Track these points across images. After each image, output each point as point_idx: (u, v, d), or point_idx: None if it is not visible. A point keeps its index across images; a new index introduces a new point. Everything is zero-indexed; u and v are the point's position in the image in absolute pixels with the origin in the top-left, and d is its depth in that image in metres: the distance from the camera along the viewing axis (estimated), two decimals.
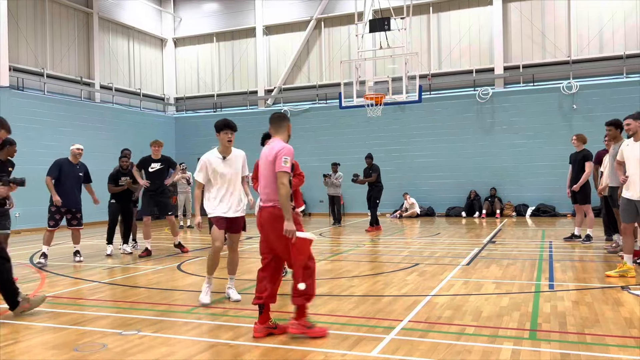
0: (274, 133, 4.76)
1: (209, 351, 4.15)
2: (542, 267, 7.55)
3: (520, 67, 17.73)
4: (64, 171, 9.10)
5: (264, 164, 4.59)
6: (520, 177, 17.50)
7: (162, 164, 9.76)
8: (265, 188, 4.56)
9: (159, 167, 9.72)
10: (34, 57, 17.02)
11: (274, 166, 4.44)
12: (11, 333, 4.78)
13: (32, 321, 5.19)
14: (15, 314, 5.35)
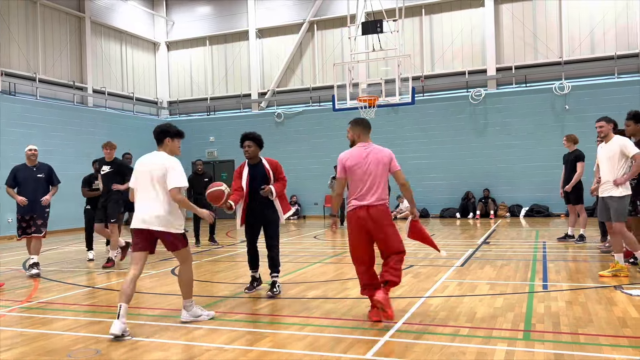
0: (366, 137, 5.11)
1: (202, 356, 4.13)
2: (536, 268, 7.58)
3: (513, 68, 17.82)
4: (19, 177, 8.46)
5: (375, 166, 4.90)
6: (514, 177, 17.56)
7: (112, 168, 9.05)
8: (378, 188, 4.89)
9: (109, 171, 9.02)
10: (25, 61, 16.95)
11: (389, 167, 4.97)
12: (3, 340, 4.74)
13: (26, 327, 5.16)
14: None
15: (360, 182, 4.90)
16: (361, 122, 5.14)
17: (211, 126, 21.60)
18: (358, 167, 4.91)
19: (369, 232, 4.93)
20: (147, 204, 4.94)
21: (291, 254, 10.02)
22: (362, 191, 4.90)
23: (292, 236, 13.77)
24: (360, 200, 4.90)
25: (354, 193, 4.95)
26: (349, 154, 4.98)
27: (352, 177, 4.94)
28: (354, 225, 4.97)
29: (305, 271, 8.00)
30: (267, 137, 23.24)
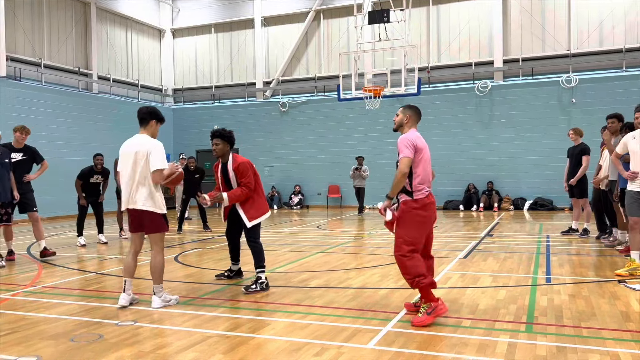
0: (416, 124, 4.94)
1: (204, 342, 4.14)
2: (539, 261, 7.57)
3: (520, 60, 17.69)
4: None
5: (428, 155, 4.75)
6: (518, 170, 17.50)
7: (25, 155, 8.54)
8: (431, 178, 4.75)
9: (20, 158, 8.44)
10: (31, 47, 16.92)
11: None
12: (8, 323, 4.77)
13: (29, 311, 5.18)
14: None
15: (428, 167, 4.69)
16: (417, 110, 4.95)
17: (215, 114, 21.56)
18: (426, 151, 4.71)
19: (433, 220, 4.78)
20: (133, 185, 5.14)
21: (294, 243, 10.03)
22: (430, 176, 4.71)
23: (295, 226, 13.78)
24: (430, 186, 4.68)
25: (425, 177, 4.65)
26: (415, 137, 4.71)
27: (423, 160, 4.65)
28: (428, 212, 4.64)
29: (308, 260, 8.00)
30: (271, 127, 23.39)
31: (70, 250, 9.60)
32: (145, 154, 5.11)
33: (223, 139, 6.07)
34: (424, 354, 3.79)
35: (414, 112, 4.92)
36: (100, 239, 10.31)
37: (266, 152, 20.59)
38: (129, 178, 5.17)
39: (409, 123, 4.88)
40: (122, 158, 5.26)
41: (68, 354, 3.92)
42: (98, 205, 10.30)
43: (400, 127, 4.93)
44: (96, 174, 10.10)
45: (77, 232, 10.14)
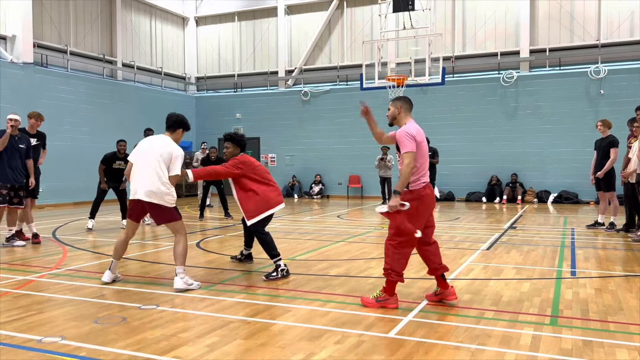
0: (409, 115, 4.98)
1: (226, 327, 4.16)
2: (564, 254, 7.43)
3: (547, 50, 17.33)
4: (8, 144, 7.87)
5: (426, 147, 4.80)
6: (543, 163, 17.21)
7: (38, 140, 8.80)
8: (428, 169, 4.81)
9: (35, 143, 8.67)
10: (57, 34, 17.13)
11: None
12: (34, 304, 4.86)
13: (55, 293, 5.27)
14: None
15: (424, 159, 4.73)
16: (407, 100, 4.99)
17: (238, 103, 21.61)
18: (423, 143, 4.74)
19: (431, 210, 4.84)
20: (148, 179, 5.37)
21: (314, 232, 10.03)
22: (427, 168, 4.76)
23: (315, 215, 13.78)
24: (427, 178, 4.74)
25: (422, 169, 4.71)
26: (415, 128, 4.74)
27: (421, 151, 4.70)
28: (424, 203, 4.68)
29: (329, 249, 7.99)
30: (293, 115, 23.39)
31: (96, 234, 9.74)
32: (170, 156, 5.44)
33: (234, 143, 6.19)
34: (445, 345, 3.75)
35: (404, 101, 4.96)
36: (124, 224, 10.42)
37: (287, 141, 20.59)
38: (147, 172, 5.39)
39: (401, 114, 4.92)
40: (143, 153, 5.49)
41: (92, 335, 3.97)
42: (121, 191, 10.40)
43: (394, 120, 4.97)
44: (119, 159, 10.21)
45: (90, 215, 10.21)
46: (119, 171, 10.28)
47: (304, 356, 3.54)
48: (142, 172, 5.42)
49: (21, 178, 8.08)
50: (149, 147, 5.52)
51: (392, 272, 4.65)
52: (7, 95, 14.90)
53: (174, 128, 5.70)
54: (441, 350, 3.65)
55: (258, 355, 3.58)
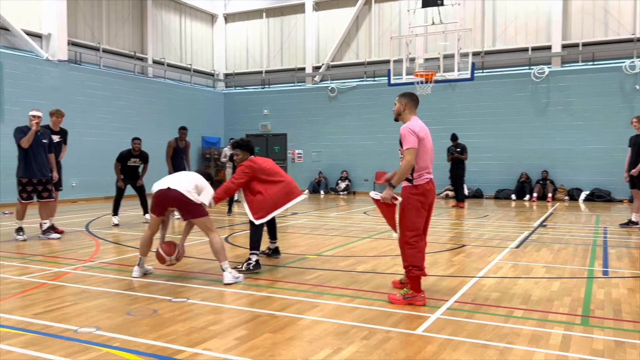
0: (415, 111, 4.98)
1: (254, 321, 4.22)
2: (595, 253, 7.30)
3: (580, 45, 16.95)
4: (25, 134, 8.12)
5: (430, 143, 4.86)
6: (575, 160, 16.86)
7: (61, 137, 9.20)
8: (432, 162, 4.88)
9: (57, 140, 9.07)
10: (90, 32, 17.49)
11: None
12: (69, 295, 5.01)
13: (89, 285, 5.42)
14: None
15: (428, 155, 4.80)
16: (412, 96, 5.01)
17: (265, 99, 21.75)
18: (427, 139, 4.80)
19: (431, 205, 4.90)
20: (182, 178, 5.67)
21: (341, 228, 10.05)
22: (431, 163, 4.85)
23: (341, 211, 13.80)
24: (430, 172, 4.83)
25: (425, 165, 4.76)
26: (418, 125, 4.79)
27: (424, 147, 4.75)
28: (427, 197, 4.77)
29: (355, 245, 8.01)
30: (320, 112, 23.38)
31: (126, 228, 9.95)
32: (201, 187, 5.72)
33: (242, 149, 6.34)
34: (473, 343, 3.73)
35: (410, 98, 4.97)
36: (147, 218, 10.61)
37: (314, 137, 20.64)
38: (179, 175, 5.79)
39: (406, 110, 4.95)
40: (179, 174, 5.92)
41: (124, 326, 4.08)
42: (139, 187, 10.58)
43: (399, 116, 5.01)
44: (134, 157, 10.40)
45: (113, 212, 10.42)
46: (134, 168, 10.52)
47: (331, 351, 3.58)
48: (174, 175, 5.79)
49: (47, 172, 8.41)
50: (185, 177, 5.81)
51: (413, 267, 4.72)
52: (43, 92, 15.30)
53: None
54: (469, 348, 3.64)
55: (286, 349, 3.62)
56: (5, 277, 5.80)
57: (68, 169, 15.72)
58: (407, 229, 4.75)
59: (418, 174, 4.75)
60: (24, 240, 8.25)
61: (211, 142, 21.65)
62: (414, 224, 4.73)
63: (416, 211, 4.74)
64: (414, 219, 4.73)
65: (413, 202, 4.74)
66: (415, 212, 4.74)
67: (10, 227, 9.47)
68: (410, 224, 4.74)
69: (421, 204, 4.75)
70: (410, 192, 4.75)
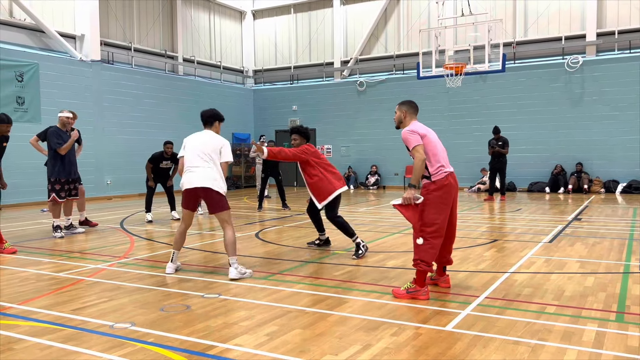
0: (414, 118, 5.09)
1: (285, 316, 4.28)
2: (632, 248, 7.12)
3: (616, 32, 16.45)
4: (64, 141, 8.50)
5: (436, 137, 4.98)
6: (611, 151, 16.42)
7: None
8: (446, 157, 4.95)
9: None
10: (122, 31, 17.83)
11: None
12: (105, 291, 5.15)
13: (124, 281, 5.56)
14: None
15: (439, 149, 4.89)
16: (411, 103, 5.13)
17: (294, 95, 21.81)
18: (430, 135, 4.90)
19: (454, 200, 4.91)
20: (203, 170, 5.66)
21: (371, 224, 10.04)
22: (445, 157, 4.90)
23: (371, 206, 13.78)
24: (447, 167, 4.85)
25: (439, 160, 4.82)
26: (414, 125, 4.92)
27: (431, 144, 4.86)
28: (447, 192, 4.76)
29: (385, 241, 8.00)
30: (348, 106, 23.31)
31: (159, 225, 10.15)
32: (219, 146, 5.77)
33: (300, 135, 6.93)
34: (504, 339, 3.70)
35: (409, 105, 5.10)
36: (174, 215, 10.89)
37: (343, 132, 20.62)
38: (201, 164, 5.70)
39: (407, 118, 5.07)
40: (193, 148, 5.79)
41: (159, 322, 4.18)
42: (168, 187, 10.91)
43: (400, 123, 5.12)
44: (165, 159, 10.70)
45: (146, 209, 10.70)
46: (166, 170, 10.82)
47: (360, 347, 3.60)
48: (196, 164, 5.71)
49: (76, 171, 8.92)
50: (198, 142, 5.81)
51: (421, 262, 4.71)
52: (77, 92, 15.70)
53: (210, 123, 5.99)
54: (499, 344, 3.61)
55: (316, 345, 3.66)
56: (44, 273, 6.01)
57: (102, 167, 16.18)
58: (424, 225, 4.75)
59: (434, 169, 4.80)
60: (61, 238, 8.54)
61: (241, 139, 21.85)
62: (433, 220, 4.72)
63: (435, 207, 4.73)
64: (433, 215, 4.73)
65: (432, 198, 4.76)
66: (435, 209, 4.73)
67: (48, 225, 9.76)
68: (428, 221, 4.74)
69: (441, 200, 4.74)
70: (429, 189, 4.80)
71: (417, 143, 4.77)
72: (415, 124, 4.97)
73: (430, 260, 4.74)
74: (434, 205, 4.74)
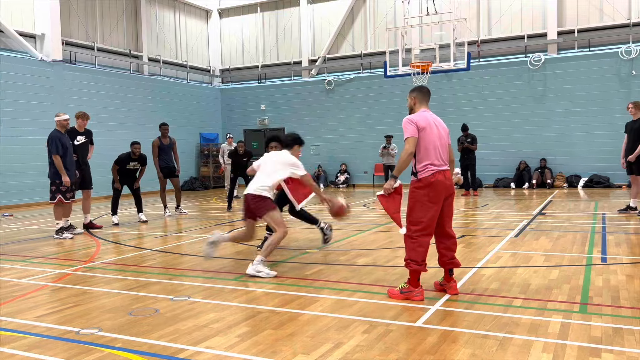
0: (425, 104, 4.91)
1: (256, 317, 4.25)
2: (594, 240, 7.33)
3: (575, 31, 16.91)
4: (64, 145, 8.64)
5: (443, 131, 4.79)
6: (573, 147, 16.88)
7: (86, 137, 9.58)
8: (446, 154, 4.78)
9: (83, 141, 9.49)
10: (84, 31, 17.44)
11: (448, 139, 4.87)
12: (71, 297, 5.03)
13: (90, 286, 5.44)
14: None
15: (433, 145, 4.65)
16: (421, 89, 4.96)
17: (262, 94, 21.71)
18: (430, 129, 4.67)
19: (445, 198, 4.71)
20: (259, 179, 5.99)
21: (341, 222, 10.06)
22: (439, 154, 4.67)
23: None
24: (438, 164, 4.65)
25: (431, 156, 4.62)
26: (418, 115, 4.71)
27: (426, 139, 4.63)
28: (434, 190, 4.60)
29: (356, 238, 8.04)
30: (317, 105, 23.31)
31: (126, 228, 9.97)
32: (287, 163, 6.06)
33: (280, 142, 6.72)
34: (473, 333, 3.76)
35: (418, 92, 4.93)
36: (141, 217, 10.71)
37: (312, 131, 20.61)
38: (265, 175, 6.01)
39: (417, 104, 4.90)
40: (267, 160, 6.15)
41: (126, 326, 4.11)
42: (135, 189, 10.72)
43: (411, 110, 4.95)
44: (133, 160, 10.49)
45: (112, 211, 10.57)
46: (133, 171, 10.63)
47: (332, 346, 3.61)
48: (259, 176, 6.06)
49: (74, 173, 8.90)
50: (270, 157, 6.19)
51: (411, 261, 4.65)
52: (39, 93, 15.28)
53: (291, 145, 6.44)
54: (468, 339, 3.67)
55: (287, 345, 3.65)
56: (6, 280, 5.83)
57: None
58: (411, 223, 4.67)
59: (421, 165, 4.63)
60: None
61: (209, 139, 21.64)
62: (418, 219, 4.61)
63: (421, 205, 4.61)
64: (418, 213, 4.61)
65: (417, 196, 4.63)
66: (420, 207, 4.61)
67: (9, 230, 9.49)
68: (413, 219, 4.64)
69: (428, 198, 4.59)
70: (414, 186, 4.67)
71: (410, 135, 4.59)
72: (421, 113, 4.76)
73: (420, 259, 4.64)
74: (419, 204, 4.63)
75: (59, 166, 8.46)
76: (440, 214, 4.72)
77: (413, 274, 4.69)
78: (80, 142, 9.38)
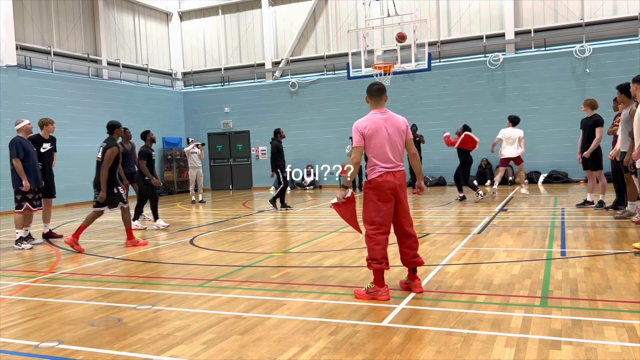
0: (379, 103, 4.88)
1: (221, 324, 4.20)
2: (554, 234, 7.53)
3: (532, 31, 17.36)
4: (26, 149, 8.36)
5: (394, 131, 4.75)
6: (532, 143, 17.25)
7: (52, 144, 9.30)
8: (398, 154, 4.79)
9: (49, 148, 9.23)
10: (40, 35, 16.96)
11: (405, 135, 4.85)
12: (30, 309, 4.87)
13: (50, 297, 5.28)
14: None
15: (382, 148, 4.71)
16: (371, 89, 4.90)
17: (226, 97, 21.54)
18: (378, 133, 4.71)
19: (396, 198, 4.78)
20: None
21: (307, 224, 10.07)
22: (387, 156, 4.72)
23: (308, 206, 13.83)
24: (387, 166, 4.72)
25: (379, 158, 4.70)
26: (366, 121, 4.76)
27: (373, 143, 4.69)
28: (383, 191, 4.69)
29: (322, 240, 8.04)
30: (281, 107, 23.28)
31: (87, 236, 9.73)
32: None
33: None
34: (438, 331, 3.81)
35: (369, 92, 4.89)
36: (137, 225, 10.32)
37: None
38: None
39: (370, 104, 4.93)
40: None
41: (88, 338, 4.00)
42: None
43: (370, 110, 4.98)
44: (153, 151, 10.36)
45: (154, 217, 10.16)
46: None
47: (299, 349, 3.59)
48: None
49: (40, 180, 8.66)
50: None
51: (372, 261, 4.74)
52: None
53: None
54: (434, 336, 3.71)
55: (254, 350, 3.62)
56: None
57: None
58: (366, 222, 4.84)
59: (370, 168, 4.80)
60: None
61: (172, 143, 21.33)
62: (371, 218, 4.77)
63: (373, 205, 4.76)
64: (371, 212, 4.78)
65: (369, 196, 4.81)
66: (372, 206, 4.77)
67: None
68: (367, 218, 4.81)
69: (377, 198, 4.74)
70: (365, 187, 4.86)
71: (356, 144, 4.71)
72: (371, 116, 4.79)
73: (379, 257, 4.71)
74: (370, 203, 4.78)
75: (19, 170, 8.17)
76: (397, 214, 4.84)
77: (376, 273, 4.74)
78: (46, 150, 9.06)
